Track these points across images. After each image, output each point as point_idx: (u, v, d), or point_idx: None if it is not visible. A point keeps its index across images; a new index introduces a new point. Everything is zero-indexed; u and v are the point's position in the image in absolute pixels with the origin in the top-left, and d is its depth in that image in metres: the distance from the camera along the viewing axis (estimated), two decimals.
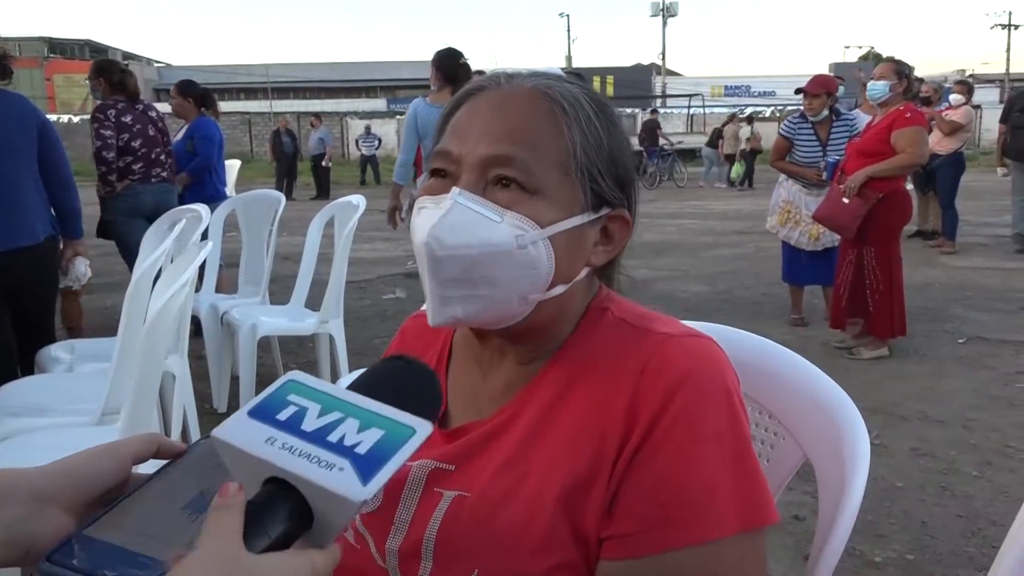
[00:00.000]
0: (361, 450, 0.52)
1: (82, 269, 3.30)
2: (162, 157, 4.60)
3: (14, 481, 0.57)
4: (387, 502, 0.79)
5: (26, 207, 3.02)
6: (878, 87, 4.40)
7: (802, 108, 5.12)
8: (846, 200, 4.39)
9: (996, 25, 50.99)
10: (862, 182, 4.31)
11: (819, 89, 4.98)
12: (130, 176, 4.45)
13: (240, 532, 0.50)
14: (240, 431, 0.54)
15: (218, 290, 4.47)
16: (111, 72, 4.51)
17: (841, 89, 5.25)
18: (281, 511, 0.52)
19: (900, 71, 4.39)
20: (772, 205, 5.32)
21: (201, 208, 3.05)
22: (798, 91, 5.14)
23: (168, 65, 48.17)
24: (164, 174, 4.61)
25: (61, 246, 3.31)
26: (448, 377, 0.88)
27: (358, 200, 3.73)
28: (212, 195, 5.23)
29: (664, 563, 0.68)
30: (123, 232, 4.45)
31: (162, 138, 4.62)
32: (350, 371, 3.59)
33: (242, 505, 0.51)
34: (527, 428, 0.77)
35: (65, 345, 3.00)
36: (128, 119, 4.42)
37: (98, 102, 4.51)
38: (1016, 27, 50.11)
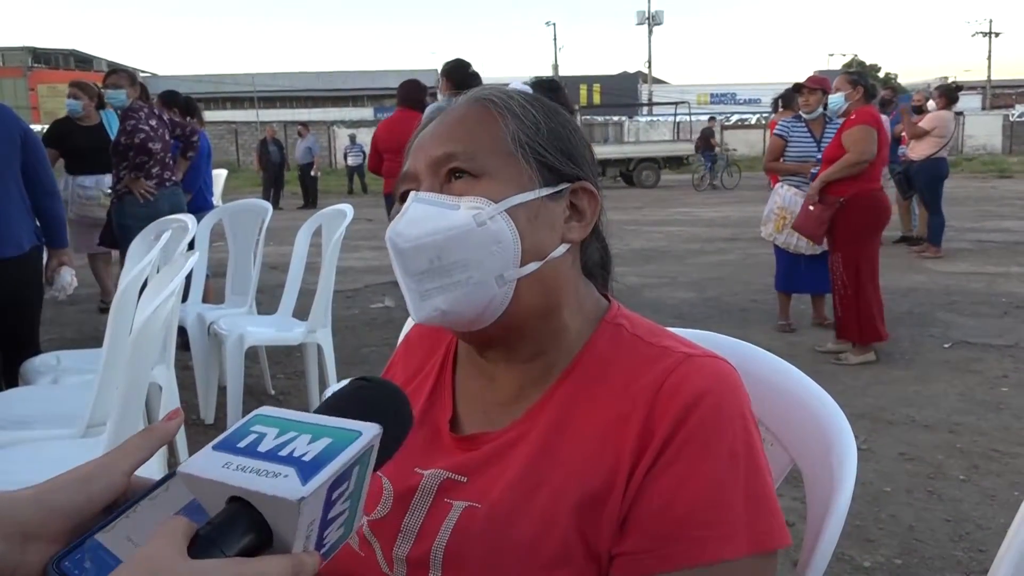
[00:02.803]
0: (307, 458, 0.54)
1: (68, 279, 3.27)
2: (171, 162, 4.72)
3: (2, 511, 0.56)
4: (396, 509, 0.79)
5: (10, 217, 3.00)
6: (836, 100, 4.62)
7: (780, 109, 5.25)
8: (811, 208, 4.55)
9: (977, 33, 51.83)
10: (819, 188, 4.49)
11: (816, 85, 5.11)
12: (148, 180, 4.51)
13: (183, 537, 0.50)
14: (202, 463, 0.55)
15: (205, 300, 4.46)
16: (140, 83, 4.73)
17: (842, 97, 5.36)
18: (237, 528, 0.53)
19: (852, 80, 4.58)
20: (766, 214, 5.29)
21: (188, 218, 3.03)
22: (796, 86, 5.24)
23: (154, 75, 47.98)
24: (174, 177, 4.72)
25: (46, 256, 3.29)
26: (455, 380, 0.89)
27: (346, 209, 3.72)
28: (199, 205, 5.22)
29: None
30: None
31: (177, 136, 4.79)
32: (338, 380, 3.58)
33: (188, 520, 0.52)
34: (540, 442, 0.77)
35: (50, 357, 2.97)
36: (153, 123, 4.55)
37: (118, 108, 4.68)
38: (997, 35, 50.89)
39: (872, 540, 2.57)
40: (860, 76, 4.65)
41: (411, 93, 5.25)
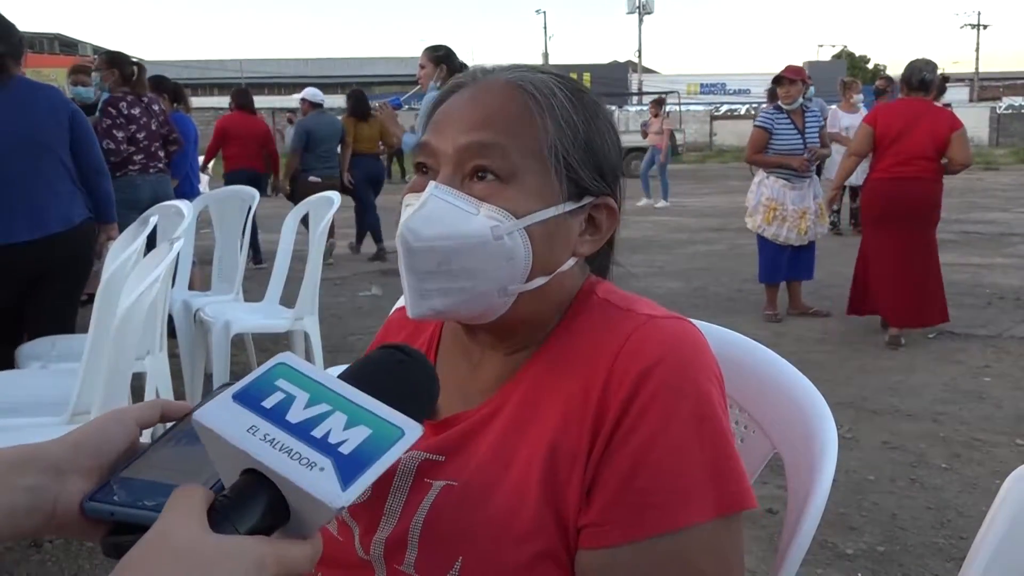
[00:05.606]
0: (345, 449, 0.50)
1: None
2: (160, 152, 4.67)
3: (33, 453, 0.61)
4: (377, 493, 0.79)
5: (59, 193, 3.06)
6: None
7: (777, 100, 5.24)
8: None
9: (966, 25, 51.90)
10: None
11: (797, 76, 5.12)
12: (130, 167, 4.46)
13: (202, 509, 0.49)
14: (222, 416, 0.52)
15: (191, 288, 4.43)
16: (124, 65, 4.57)
17: (811, 89, 5.40)
18: (255, 504, 0.50)
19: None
20: (754, 205, 5.30)
21: (183, 204, 3.02)
22: (776, 79, 5.20)
23: (141, 60, 47.51)
24: (160, 166, 4.68)
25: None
26: (436, 368, 0.88)
27: (333, 196, 3.71)
28: (186, 191, 5.19)
29: (641, 550, 0.68)
30: (121, 225, 4.46)
31: (162, 132, 4.69)
32: (325, 368, 3.57)
33: (206, 489, 0.51)
34: (512, 416, 0.77)
35: (45, 341, 2.94)
36: (136, 111, 4.49)
37: (101, 95, 4.56)
38: (985, 27, 50.99)
39: (855, 528, 2.59)
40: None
41: (247, 98, 7.72)
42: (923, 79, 4.61)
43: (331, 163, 7.50)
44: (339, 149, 7.67)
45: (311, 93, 7.55)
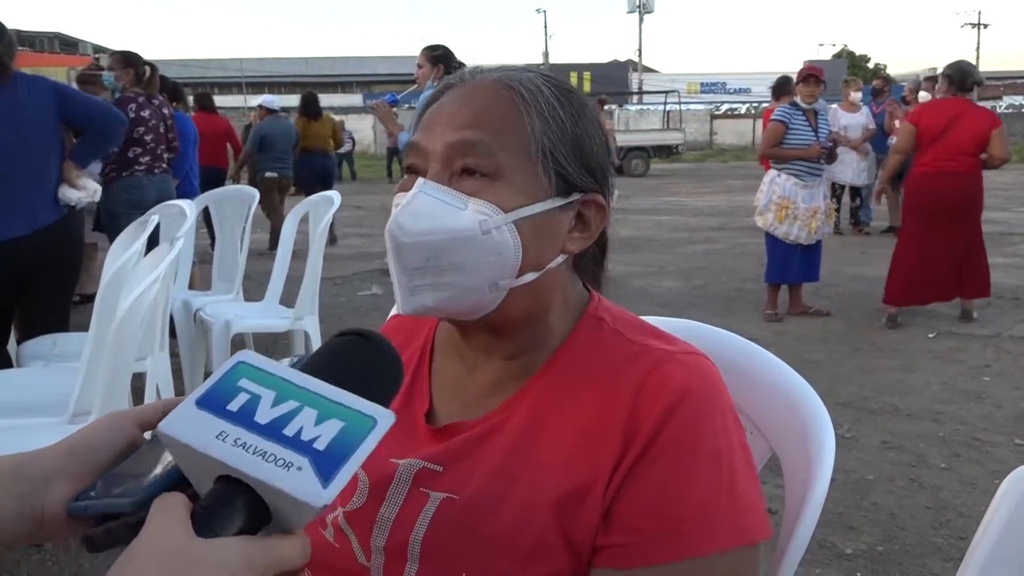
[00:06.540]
0: (320, 445, 0.49)
1: (94, 186, 3.18)
2: (164, 155, 4.70)
3: (25, 461, 0.62)
4: (371, 500, 0.79)
5: (49, 185, 3.04)
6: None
7: (782, 98, 5.27)
8: None
9: (966, 24, 51.91)
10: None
11: (820, 75, 5.18)
12: (136, 168, 4.47)
13: (186, 514, 0.49)
14: (188, 425, 0.50)
15: (191, 287, 4.44)
16: (138, 65, 4.58)
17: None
18: (234, 510, 0.49)
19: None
20: (764, 203, 5.28)
21: (185, 204, 3.02)
22: (804, 75, 5.19)
23: None
24: (164, 166, 4.70)
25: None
26: (432, 372, 0.88)
27: (334, 196, 3.72)
28: (185, 191, 5.20)
29: (657, 575, 0.69)
30: (124, 225, 4.46)
31: (167, 135, 4.70)
32: None
33: (185, 498, 0.51)
34: (519, 434, 0.77)
35: (46, 339, 2.94)
36: (146, 113, 4.50)
37: (113, 94, 4.57)
38: (986, 26, 51.06)
39: (854, 527, 2.59)
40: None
41: (209, 100, 8.07)
42: (977, 80, 4.94)
43: (286, 163, 8.34)
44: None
45: (267, 100, 8.57)
